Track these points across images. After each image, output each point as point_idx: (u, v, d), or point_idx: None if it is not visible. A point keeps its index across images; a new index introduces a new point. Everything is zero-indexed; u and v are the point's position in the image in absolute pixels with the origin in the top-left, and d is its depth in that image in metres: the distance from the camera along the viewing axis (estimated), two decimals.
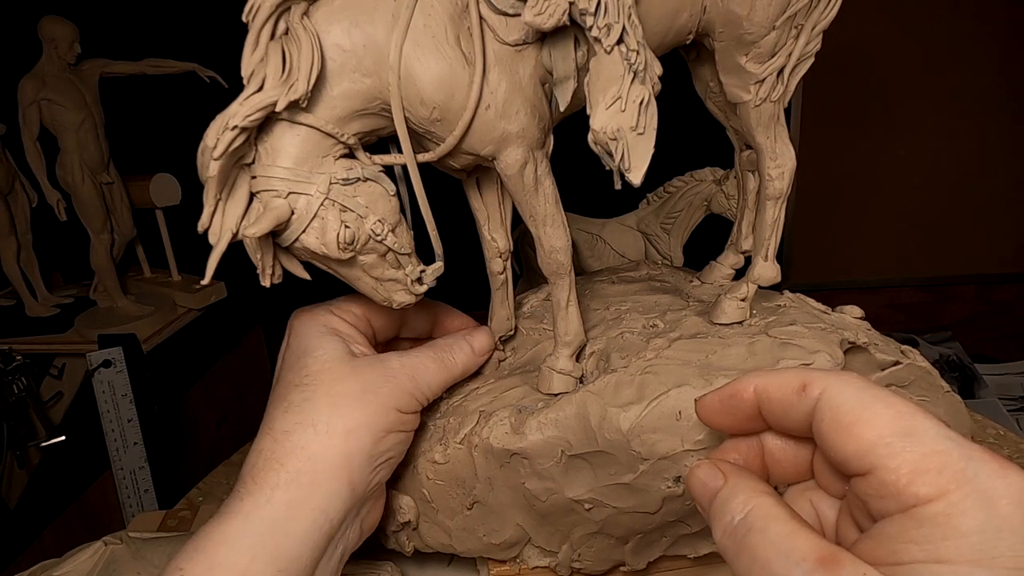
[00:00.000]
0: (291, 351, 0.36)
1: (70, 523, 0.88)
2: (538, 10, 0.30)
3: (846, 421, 0.22)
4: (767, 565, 0.21)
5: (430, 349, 0.38)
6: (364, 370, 0.35)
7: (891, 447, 0.20)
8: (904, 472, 0.20)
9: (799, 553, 0.20)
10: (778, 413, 0.25)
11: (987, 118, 1.21)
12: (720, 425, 0.27)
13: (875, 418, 0.21)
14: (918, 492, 0.19)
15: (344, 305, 0.38)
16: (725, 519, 0.23)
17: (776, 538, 0.21)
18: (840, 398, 0.22)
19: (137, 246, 1.08)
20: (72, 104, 0.90)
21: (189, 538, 0.31)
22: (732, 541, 0.23)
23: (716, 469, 0.25)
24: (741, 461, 0.27)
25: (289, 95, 0.28)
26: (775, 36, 0.35)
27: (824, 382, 0.23)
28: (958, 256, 1.30)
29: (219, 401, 1.13)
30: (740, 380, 0.26)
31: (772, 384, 0.25)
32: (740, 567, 0.22)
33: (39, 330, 0.99)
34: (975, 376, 1.19)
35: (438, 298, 0.41)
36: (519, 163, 0.33)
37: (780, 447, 0.26)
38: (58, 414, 0.98)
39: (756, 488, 0.24)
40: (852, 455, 0.21)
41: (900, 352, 0.37)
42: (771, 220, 0.39)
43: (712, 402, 0.27)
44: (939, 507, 0.19)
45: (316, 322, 0.37)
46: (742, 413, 0.26)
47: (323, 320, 0.37)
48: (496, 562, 0.40)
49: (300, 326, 0.37)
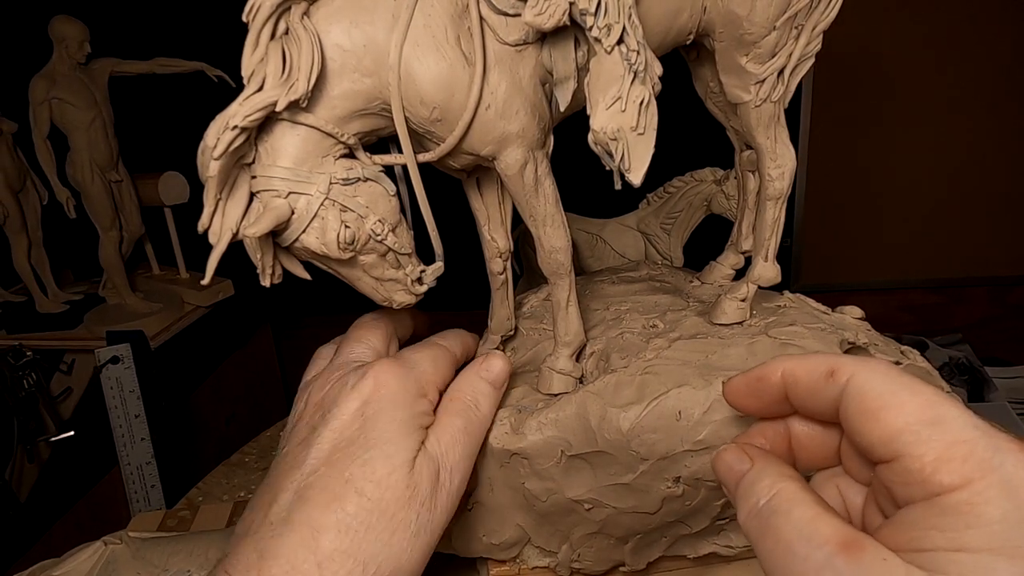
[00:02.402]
0: (368, 425, 0.31)
1: (79, 517, 0.89)
2: (538, 10, 0.30)
3: (873, 407, 0.22)
4: (789, 548, 0.21)
5: (457, 417, 0.33)
6: (423, 494, 0.30)
7: (917, 435, 0.20)
8: (929, 460, 0.20)
9: (821, 537, 0.21)
10: (805, 398, 0.25)
11: (999, 119, 1.20)
12: (747, 408, 0.28)
13: (902, 405, 0.21)
14: (943, 480, 0.20)
15: (432, 384, 0.34)
16: (751, 502, 0.24)
17: (799, 522, 0.21)
18: (868, 385, 0.22)
19: (146, 244, 1.09)
20: (82, 103, 0.91)
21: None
22: (757, 523, 0.23)
23: (743, 453, 0.25)
24: (768, 446, 0.27)
25: (289, 95, 0.28)
26: (775, 36, 0.35)
27: (852, 368, 0.23)
28: (971, 258, 1.29)
29: (227, 399, 1.13)
30: (768, 363, 0.26)
31: (800, 368, 0.25)
32: (763, 549, 0.22)
33: (49, 326, 1.00)
34: (985, 379, 1.18)
35: (438, 298, 0.41)
36: (519, 163, 0.33)
37: (807, 433, 0.26)
38: (68, 410, 0.99)
39: (782, 472, 0.24)
40: (878, 441, 0.21)
41: (900, 352, 0.37)
42: (771, 220, 0.39)
43: (739, 385, 0.27)
44: (963, 496, 0.19)
45: (409, 404, 0.32)
46: (769, 396, 0.26)
47: (416, 404, 0.32)
48: (496, 562, 0.41)
49: (394, 401, 0.31)
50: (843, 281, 1.31)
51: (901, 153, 1.23)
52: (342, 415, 0.31)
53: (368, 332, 0.37)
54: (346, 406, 0.31)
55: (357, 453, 0.30)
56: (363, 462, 0.29)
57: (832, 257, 1.29)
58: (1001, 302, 1.32)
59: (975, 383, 1.18)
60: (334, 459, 0.30)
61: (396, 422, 0.31)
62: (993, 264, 1.29)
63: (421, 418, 0.32)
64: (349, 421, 0.31)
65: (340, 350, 0.36)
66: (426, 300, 0.36)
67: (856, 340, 0.36)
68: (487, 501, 0.38)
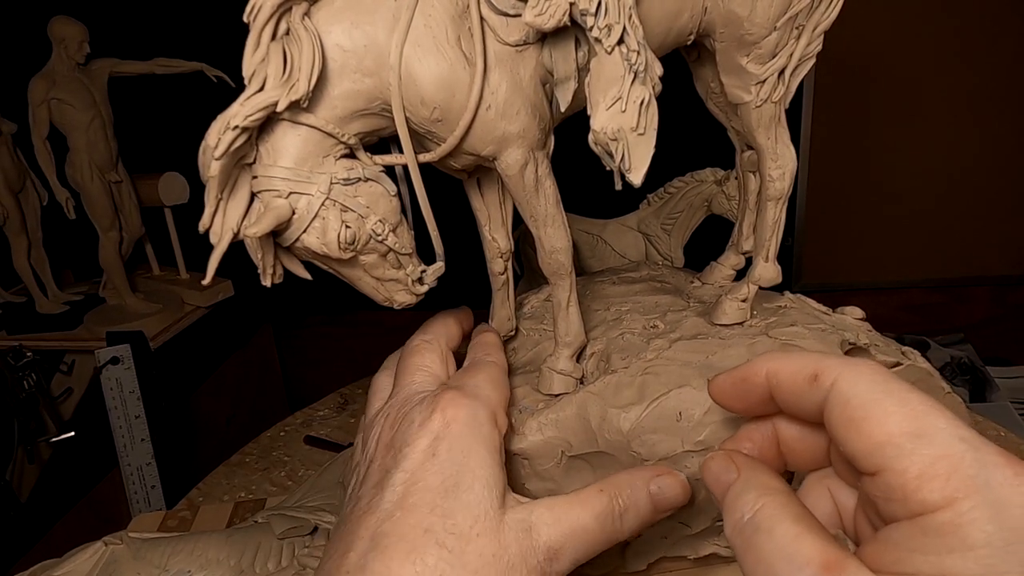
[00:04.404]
0: (443, 465, 0.28)
1: (81, 517, 0.89)
2: (539, 11, 0.30)
3: (856, 416, 0.21)
4: (771, 568, 0.20)
5: (592, 518, 0.29)
6: (511, 559, 0.27)
7: (900, 448, 0.19)
8: (912, 476, 0.19)
9: (803, 557, 0.20)
10: (789, 400, 0.24)
11: (1002, 119, 1.20)
12: (732, 407, 0.27)
13: (886, 416, 0.20)
14: (925, 499, 0.18)
15: (500, 407, 0.32)
16: (735, 516, 0.23)
17: (781, 540, 0.21)
18: (852, 391, 0.21)
19: (146, 244, 1.09)
20: (81, 103, 0.91)
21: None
22: (740, 539, 0.22)
23: (730, 462, 0.25)
24: (756, 451, 0.26)
25: (290, 95, 0.28)
26: (776, 37, 0.35)
27: (836, 371, 0.22)
28: (973, 258, 1.29)
29: (228, 399, 1.14)
30: (752, 363, 0.25)
31: (784, 370, 0.24)
32: (747, 566, 0.22)
33: (49, 327, 1.00)
34: (986, 379, 1.18)
35: (439, 298, 0.41)
36: (520, 163, 0.33)
37: (795, 436, 0.26)
38: (68, 410, 0.99)
39: (767, 485, 0.23)
40: (860, 453, 0.20)
41: (901, 353, 0.37)
42: (772, 221, 0.39)
43: (724, 384, 0.27)
44: (946, 516, 0.18)
45: (485, 438, 0.29)
46: (754, 397, 0.25)
47: (492, 436, 0.30)
48: None
49: (466, 435, 0.29)
50: (845, 281, 1.31)
51: (903, 153, 1.23)
52: (414, 454, 0.29)
53: (423, 357, 0.35)
54: (417, 444, 0.29)
55: (435, 499, 0.27)
56: (443, 511, 0.27)
57: (834, 257, 1.29)
58: (1003, 302, 1.32)
59: (977, 383, 1.18)
60: (408, 504, 0.27)
61: (476, 463, 0.28)
62: (995, 264, 1.29)
63: (499, 454, 0.29)
64: (421, 460, 0.28)
65: (398, 382, 0.34)
66: (427, 300, 0.36)
67: (857, 341, 0.36)
68: None
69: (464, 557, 0.26)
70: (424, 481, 0.28)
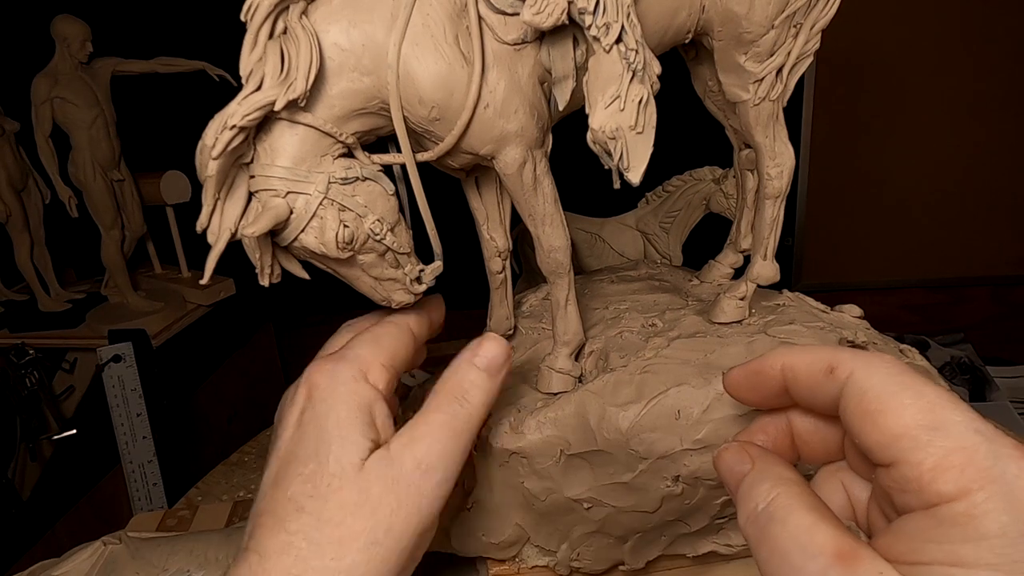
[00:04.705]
0: (305, 434, 0.29)
1: (82, 515, 0.89)
2: (537, 9, 0.30)
3: (872, 409, 0.21)
4: (785, 557, 0.21)
5: (438, 412, 0.30)
6: (377, 498, 0.28)
7: (916, 440, 0.20)
8: (927, 468, 0.19)
9: (816, 546, 0.20)
10: (805, 393, 0.24)
11: (1002, 118, 1.20)
12: (747, 400, 0.27)
13: (902, 408, 0.20)
14: (940, 490, 0.19)
15: (374, 362, 0.31)
16: (749, 506, 0.23)
17: (795, 530, 0.21)
18: (868, 383, 0.21)
19: (148, 242, 1.09)
20: (84, 102, 0.92)
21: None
22: (755, 529, 0.22)
23: (744, 453, 0.25)
24: (769, 443, 0.26)
25: (288, 94, 0.28)
26: (774, 35, 0.35)
27: (852, 364, 0.22)
28: (973, 257, 1.29)
29: (229, 397, 1.14)
30: (768, 356, 0.25)
31: (800, 363, 0.24)
32: (760, 556, 0.22)
33: (51, 325, 1.00)
34: (986, 379, 1.17)
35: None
36: (518, 162, 0.33)
37: (809, 429, 0.26)
38: (70, 408, 0.99)
39: (781, 476, 0.23)
40: (876, 445, 0.21)
41: (899, 352, 0.37)
42: (770, 219, 0.39)
43: (738, 377, 0.27)
44: (961, 507, 0.18)
45: (345, 397, 0.29)
46: (768, 390, 0.26)
47: (354, 392, 0.30)
48: (496, 561, 0.41)
49: (326, 399, 0.29)
50: (845, 280, 1.31)
51: (903, 152, 1.23)
52: (285, 433, 0.30)
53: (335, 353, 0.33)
54: (288, 420, 0.30)
55: (298, 468, 0.28)
56: (303, 477, 0.28)
57: (834, 256, 1.29)
58: (1003, 301, 1.32)
59: (977, 383, 1.18)
60: (278, 479, 0.28)
61: (333, 423, 0.29)
62: (995, 263, 1.29)
63: (364, 410, 0.29)
64: (291, 435, 0.29)
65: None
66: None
67: (855, 339, 0.36)
68: (486, 500, 0.38)
69: (325, 514, 0.27)
70: (292, 453, 0.29)
